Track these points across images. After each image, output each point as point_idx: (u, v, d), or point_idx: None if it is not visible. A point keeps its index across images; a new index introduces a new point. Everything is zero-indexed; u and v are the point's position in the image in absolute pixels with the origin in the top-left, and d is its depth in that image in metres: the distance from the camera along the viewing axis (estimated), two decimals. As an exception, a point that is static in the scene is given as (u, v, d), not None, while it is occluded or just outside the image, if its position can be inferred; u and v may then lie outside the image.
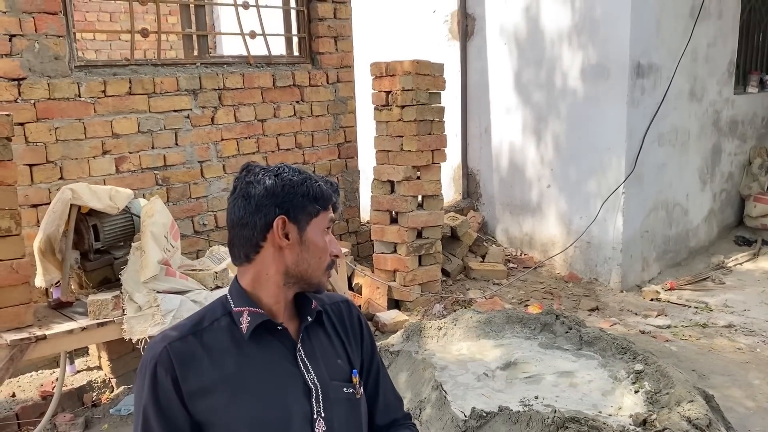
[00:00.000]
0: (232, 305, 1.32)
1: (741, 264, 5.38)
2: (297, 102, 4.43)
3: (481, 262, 5.26)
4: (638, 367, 2.96)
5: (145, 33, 3.87)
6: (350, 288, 4.43)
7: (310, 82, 4.49)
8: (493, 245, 5.56)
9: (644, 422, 2.57)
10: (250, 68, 4.21)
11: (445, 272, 5.02)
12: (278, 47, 4.69)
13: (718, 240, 5.84)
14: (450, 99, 5.65)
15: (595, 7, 4.69)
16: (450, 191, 6.00)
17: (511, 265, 5.36)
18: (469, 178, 5.90)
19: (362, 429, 1.41)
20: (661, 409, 2.63)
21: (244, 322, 1.29)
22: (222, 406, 1.24)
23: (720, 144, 5.71)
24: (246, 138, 4.18)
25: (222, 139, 4.07)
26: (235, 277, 1.36)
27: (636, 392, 2.83)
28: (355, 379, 1.40)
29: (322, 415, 1.31)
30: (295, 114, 4.42)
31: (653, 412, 2.64)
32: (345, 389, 1.37)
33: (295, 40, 4.60)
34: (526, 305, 4.51)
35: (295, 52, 4.59)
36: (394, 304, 4.43)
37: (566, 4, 4.86)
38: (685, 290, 4.88)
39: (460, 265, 5.12)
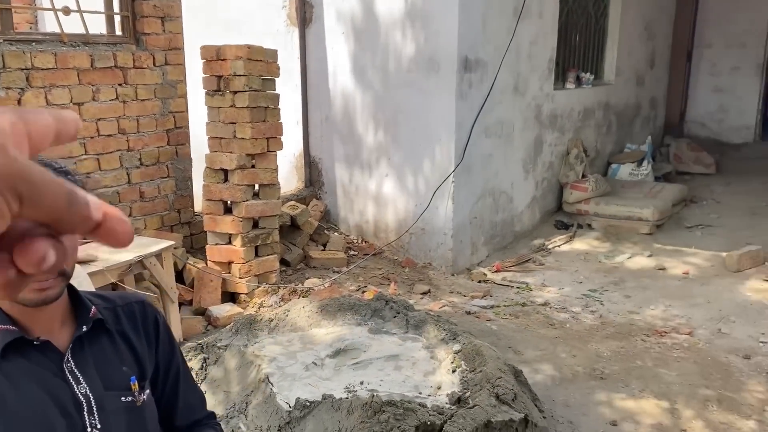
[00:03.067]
0: None
1: (559, 246, 5.86)
2: (120, 85, 4.15)
3: (322, 250, 5.29)
4: (456, 347, 3.13)
5: (-68, 2, 3.43)
6: (181, 282, 4.26)
7: (135, 64, 4.22)
8: (335, 233, 5.61)
9: (459, 400, 2.73)
10: (63, 47, 3.87)
11: (285, 262, 4.99)
12: (99, 26, 4.37)
13: (540, 224, 6.32)
14: (291, 86, 5.61)
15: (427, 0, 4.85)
16: (292, 179, 5.96)
17: (352, 252, 5.44)
18: (311, 167, 5.89)
19: None
20: (474, 386, 2.80)
21: None
22: None
23: (541, 136, 6.16)
24: (60, 123, 3.85)
25: (31, 124, 3.71)
26: None
27: (453, 371, 2.99)
28: (134, 386, 1.34)
29: (98, 427, 1.25)
30: (117, 98, 4.14)
31: (467, 390, 2.80)
32: (123, 398, 1.31)
33: (117, 19, 4.30)
34: (364, 292, 4.60)
35: (118, 32, 4.30)
36: (230, 297, 4.32)
37: (400, -4, 4.98)
38: (510, 272, 5.24)
39: (301, 255, 5.11)
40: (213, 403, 2.98)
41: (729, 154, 9.21)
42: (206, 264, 4.37)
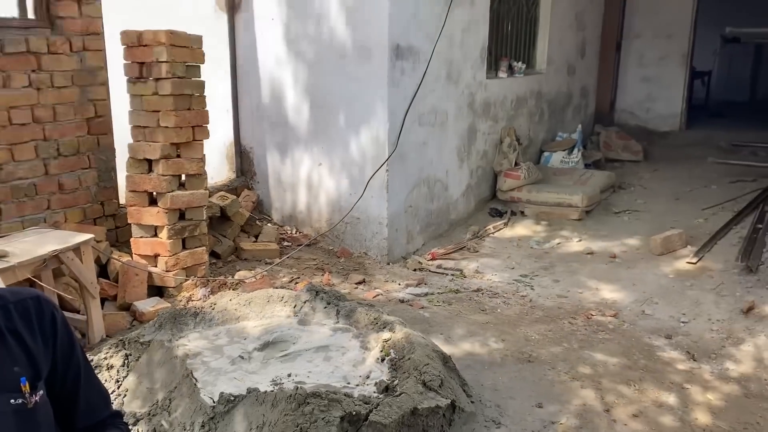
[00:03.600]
0: None
1: (493, 233, 5.94)
2: (33, 71, 3.94)
3: (254, 242, 5.19)
4: (386, 335, 3.12)
5: None
6: (106, 277, 4.10)
7: (50, 49, 4.01)
8: (268, 224, 5.51)
9: (387, 389, 2.72)
10: (-31, 30, 3.64)
11: (215, 254, 4.87)
12: (9, 9, 4.12)
13: (475, 212, 6.39)
14: (220, 75, 5.46)
15: (358, -13, 4.79)
16: (224, 169, 5.82)
17: (286, 243, 5.36)
18: (242, 156, 5.76)
19: None
20: (402, 374, 2.80)
21: None
22: None
23: (475, 124, 6.22)
24: (-34, 111, 3.63)
25: (-66, 112, 3.49)
26: None
27: (382, 360, 2.98)
28: (25, 387, 1.26)
29: None
30: (31, 84, 3.92)
31: (395, 378, 2.79)
32: (12, 401, 1.24)
33: (30, 2, 4.07)
34: (297, 283, 4.54)
35: (31, 15, 4.07)
36: (157, 291, 4.19)
37: (330, -18, 4.90)
38: (445, 259, 5.27)
39: (232, 246, 5.00)
40: (135, 400, 2.88)
41: (656, 142, 9.55)
42: (132, 257, 4.21)
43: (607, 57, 9.88)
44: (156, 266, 4.19)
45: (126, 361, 3.07)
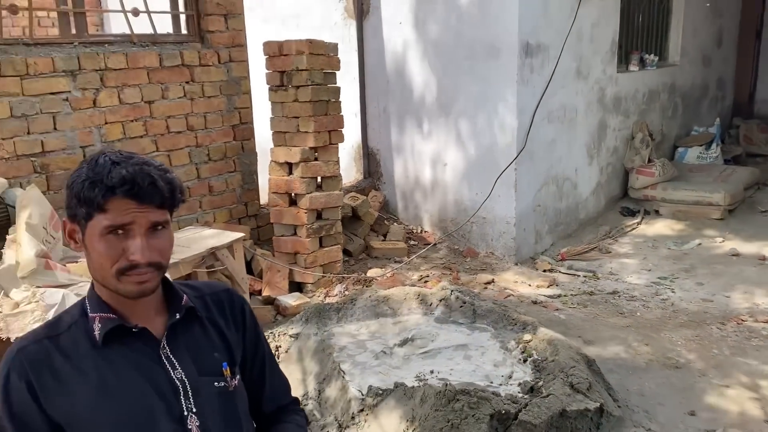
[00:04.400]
0: (89, 309, 1.28)
1: (626, 233, 5.72)
2: (187, 83, 4.27)
3: (383, 241, 5.32)
4: (527, 336, 3.10)
5: (13, 9, 3.60)
6: (250, 272, 4.36)
7: (201, 61, 4.33)
8: (395, 224, 5.63)
9: (531, 389, 2.71)
10: (134, 47, 4.00)
11: (347, 252, 5.04)
12: (165, 25, 4.49)
13: (606, 211, 6.17)
14: (349, 79, 5.64)
15: (486, -13, 4.79)
16: (351, 171, 6.00)
17: (412, 242, 5.45)
18: (369, 158, 5.92)
19: (240, 420, 1.40)
20: (547, 376, 2.78)
21: (96, 329, 1.26)
22: (82, 409, 1.21)
23: (605, 120, 6.01)
24: (132, 121, 3.99)
25: (106, 123, 3.86)
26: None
27: (524, 361, 2.97)
28: (227, 371, 1.38)
29: (194, 410, 1.30)
30: (185, 95, 4.25)
31: (540, 379, 2.78)
32: (216, 383, 1.35)
33: (183, 18, 4.41)
34: (426, 281, 4.61)
35: (184, 31, 4.41)
36: (296, 287, 4.40)
37: (458, -17, 4.93)
38: (575, 260, 5.14)
39: (362, 245, 5.15)
40: (286, 390, 3.05)
41: (804, 135, 8.76)
42: (273, 255, 4.46)
43: (745, 46, 9.18)
44: (295, 263, 4.40)
45: (276, 352, 3.25)
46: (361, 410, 2.67)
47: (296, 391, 3.05)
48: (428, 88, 5.30)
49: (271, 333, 3.33)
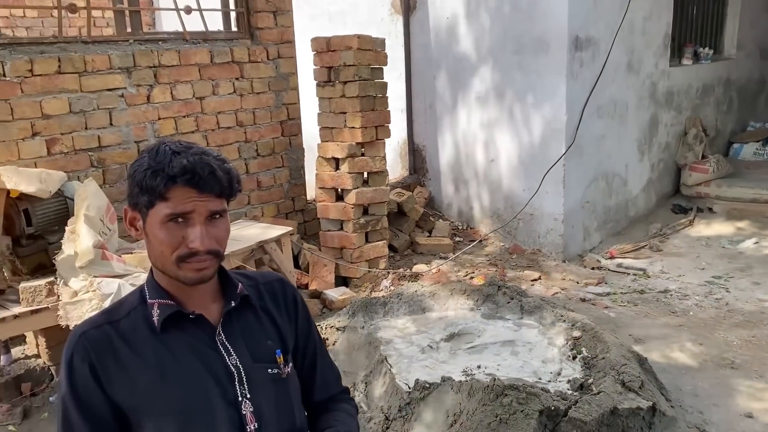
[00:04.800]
0: (147, 296, 1.31)
1: (677, 231, 5.57)
2: (237, 79, 4.34)
3: (428, 236, 5.31)
4: (576, 333, 3.05)
5: (72, 8, 3.72)
6: (297, 266, 4.41)
7: (250, 58, 4.40)
8: (440, 220, 5.61)
9: (581, 387, 2.66)
10: (186, 45, 4.09)
11: (392, 248, 5.05)
12: (216, 23, 4.58)
13: (657, 208, 6.02)
14: (395, 75, 5.64)
15: (534, -20, 4.72)
16: (397, 167, 6.01)
17: (458, 238, 5.42)
18: (415, 154, 5.91)
19: (292, 407, 1.41)
20: (597, 373, 2.73)
21: (155, 315, 1.29)
22: (141, 392, 1.25)
23: (657, 115, 5.86)
24: (184, 116, 4.08)
25: (159, 118, 3.96)
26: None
27: (574, 358, 2.92)
28: (280, 359, 1.39)
29: (248, 396, 1.32)
30: (235, 91, 4.33)
31: (590, 376, 2.73)
32: (270, 370, 1.37)
33: (233, 15, 4.49)
34: (472, 277, 4.58)
35: (234, 28, 4.49)
36: (342, 281, 4.43)
37: (506, -23, 4.87)
38: (625, 258, 5.04)
39: (408, 241, 5.15)
40: (333, 382, 3.07)
41: None
42: (319, 249, 4.50)
43: (807, 37, 8.82)
44: (341, 258, 4.43)
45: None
46: (408, 403, 2.67)
47: (343, 383, 3.08)
48: (475, 83, 5.26)
49: (319, 326, 3.36)
